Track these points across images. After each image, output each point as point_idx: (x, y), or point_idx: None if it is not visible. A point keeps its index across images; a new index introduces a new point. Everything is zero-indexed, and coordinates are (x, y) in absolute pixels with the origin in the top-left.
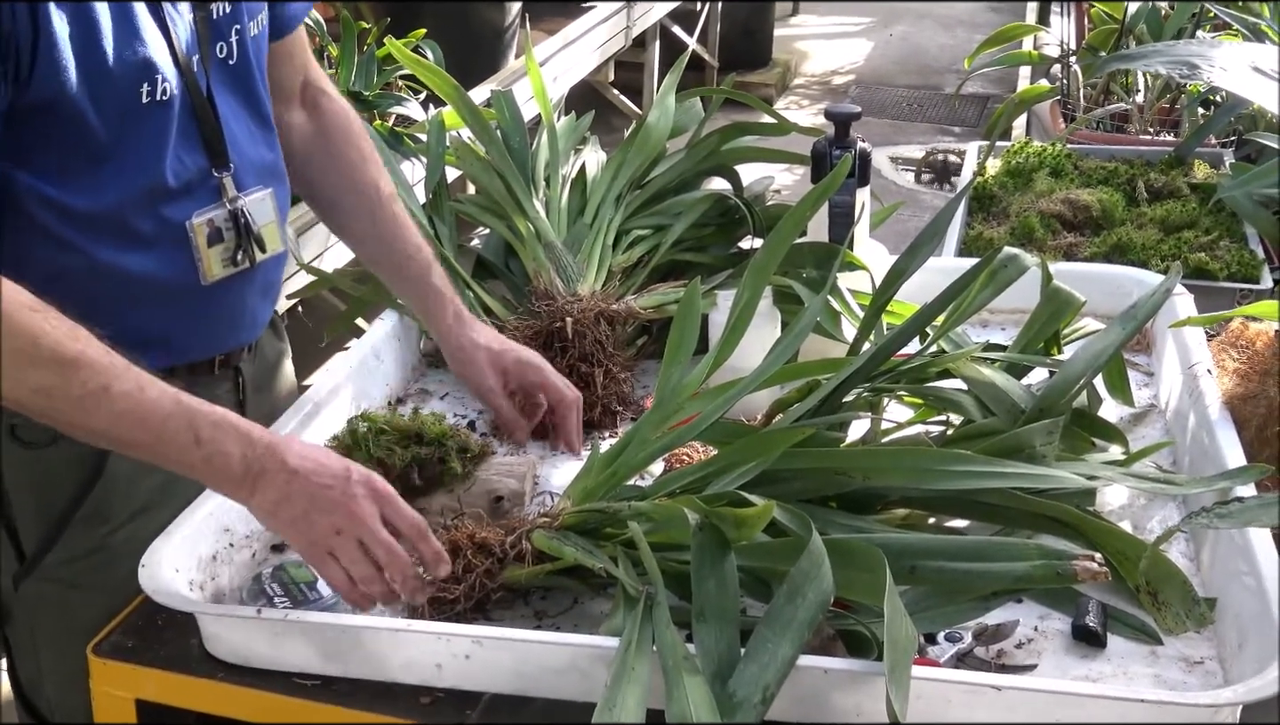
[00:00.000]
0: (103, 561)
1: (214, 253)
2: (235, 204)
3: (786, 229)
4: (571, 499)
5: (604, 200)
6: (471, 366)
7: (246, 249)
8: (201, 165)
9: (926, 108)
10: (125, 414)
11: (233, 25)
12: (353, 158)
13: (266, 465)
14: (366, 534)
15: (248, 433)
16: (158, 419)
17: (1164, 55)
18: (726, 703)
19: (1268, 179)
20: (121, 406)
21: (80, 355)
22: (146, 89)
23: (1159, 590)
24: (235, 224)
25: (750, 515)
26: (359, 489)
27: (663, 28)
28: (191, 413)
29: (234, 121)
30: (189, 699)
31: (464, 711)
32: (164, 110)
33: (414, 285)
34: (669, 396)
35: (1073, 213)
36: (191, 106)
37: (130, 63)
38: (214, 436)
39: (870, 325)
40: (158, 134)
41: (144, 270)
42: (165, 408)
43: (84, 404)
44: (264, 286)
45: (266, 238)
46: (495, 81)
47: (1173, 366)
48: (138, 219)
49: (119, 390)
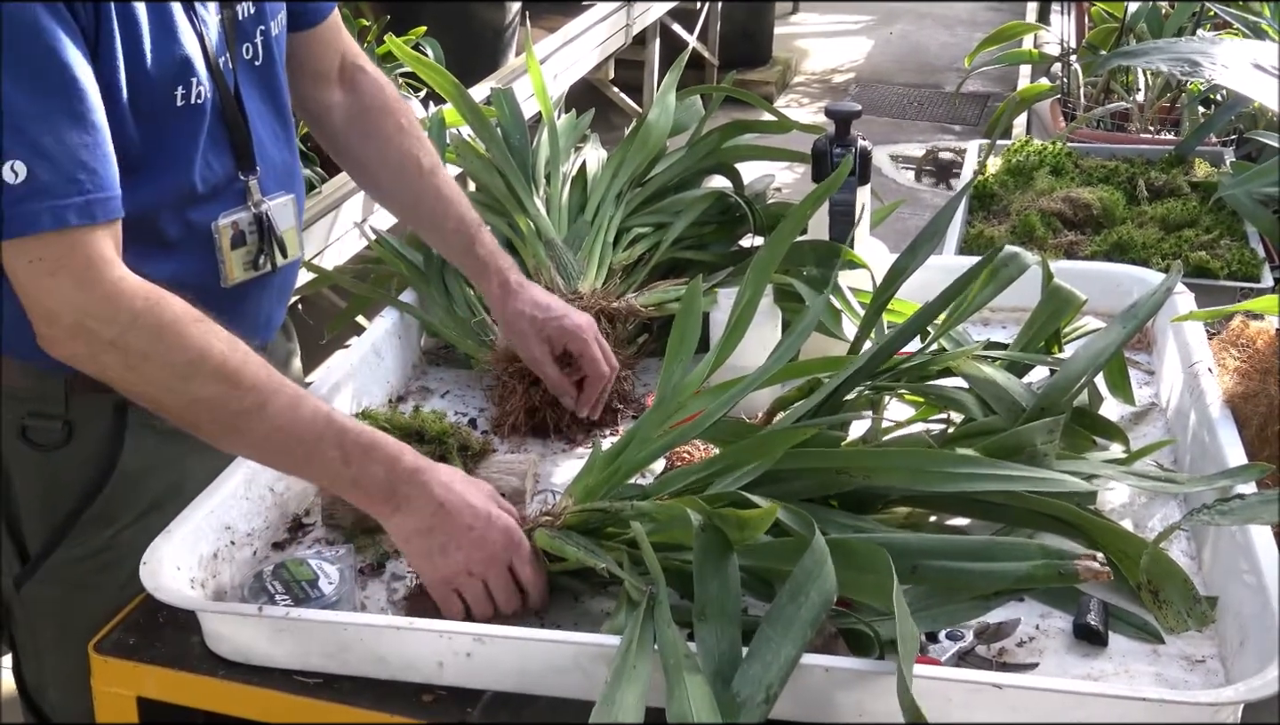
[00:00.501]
0: (107, 562)
1: (236, 256)
2: (260, 207)
3: (788, 228)
4: (573, 498)
5: (604, 198)
6: (517, 336)
7: (269, 253)
8: (229, 168)
9: (927, 106)
10: (278, 432)
11: (258, 26)
12: (389, 131)
13: (412, 493)
14: (495, 580)
15: (396, 456)
16: (310, 440)
17: (1165, 52)
18: (730, 703)
19: (1268, 177)
20: (275, 424)
21: (241, 369)
22: (181, 91)
23: (1160, 589)
24: (259, 227)
25: (754, 517)
26: (499, 536)
27: (663, 26)
28: (341, 433)
29: (259, 124)
30: (190, 697)
31: (465, 710)
32: (197, 113)
33: (460, 257)
34: (670, 395)
35: (1073, 211)
36: (221, 109)
37: (168, 65)
38: (362, 458)
39: (871, 324)
40: (189, 137)
41: (167, 273)
42: (318, 428)
43: (239, 421)
44: (280, 290)
45: (288, 242)
46: (495, 79)
47: (1174, 365)
48: (165, 223)
49: (275, 408)
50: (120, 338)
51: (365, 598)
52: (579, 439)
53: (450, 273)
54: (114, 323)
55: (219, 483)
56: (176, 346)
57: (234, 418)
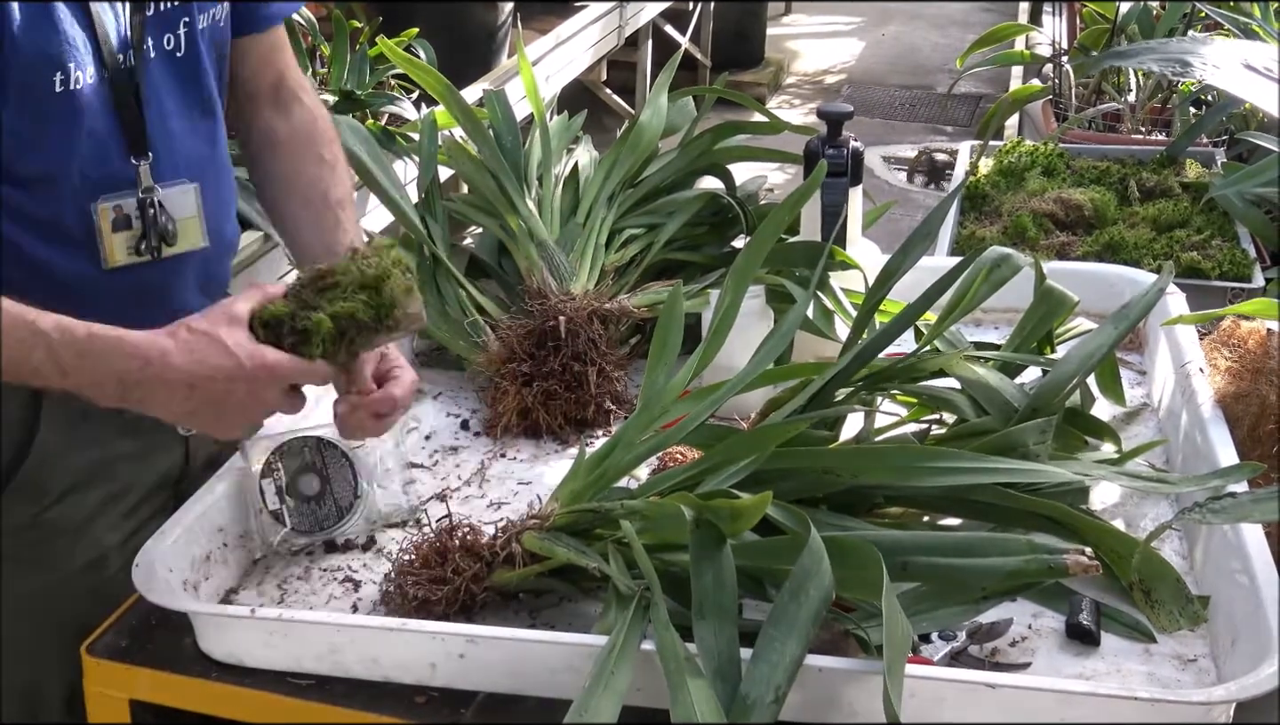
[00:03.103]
0: (38, 538)
1: (119, 239)
2: (149, 194)
3: (767, 232)
4: (559, 502)
5: (597, 199)
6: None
7: (150, 240)
8: (120, 151)
9: (919, 107)
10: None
11: (181, 18)
12: (308, 160)
13: (149, 393)
14: (283, 407)
15: (118, 370)
16: (16, 352)
17: (1156, 53)
18: (740, 705)
19: (1259, 178)
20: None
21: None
22: (60, 77)
23: (1152, 588)
24: (143, 213)
25: (746, 506)
26: (259, 387)
27: (655, 27)
28: (49, 341)
29: (172, 113)
30: (183, 699)
31: (458, 711)
32: (77, 99)
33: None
34: (654, 399)
35: (1065, 212)
36: (114, 95)
37: (43, 52)
38: (79, 368)
39: (863, 324)
40: (69, 122)
41: (44, 254)
42: (20, 336)
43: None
44: (201, 281)
45: (182, 232)
46: (488, 81)
47: (1165, 365)
48: (41, 203)
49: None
50: None
51: (357, 598)
52: (571, 440)
53: (443, 274)
54: None
55: (210, 485)
56: None
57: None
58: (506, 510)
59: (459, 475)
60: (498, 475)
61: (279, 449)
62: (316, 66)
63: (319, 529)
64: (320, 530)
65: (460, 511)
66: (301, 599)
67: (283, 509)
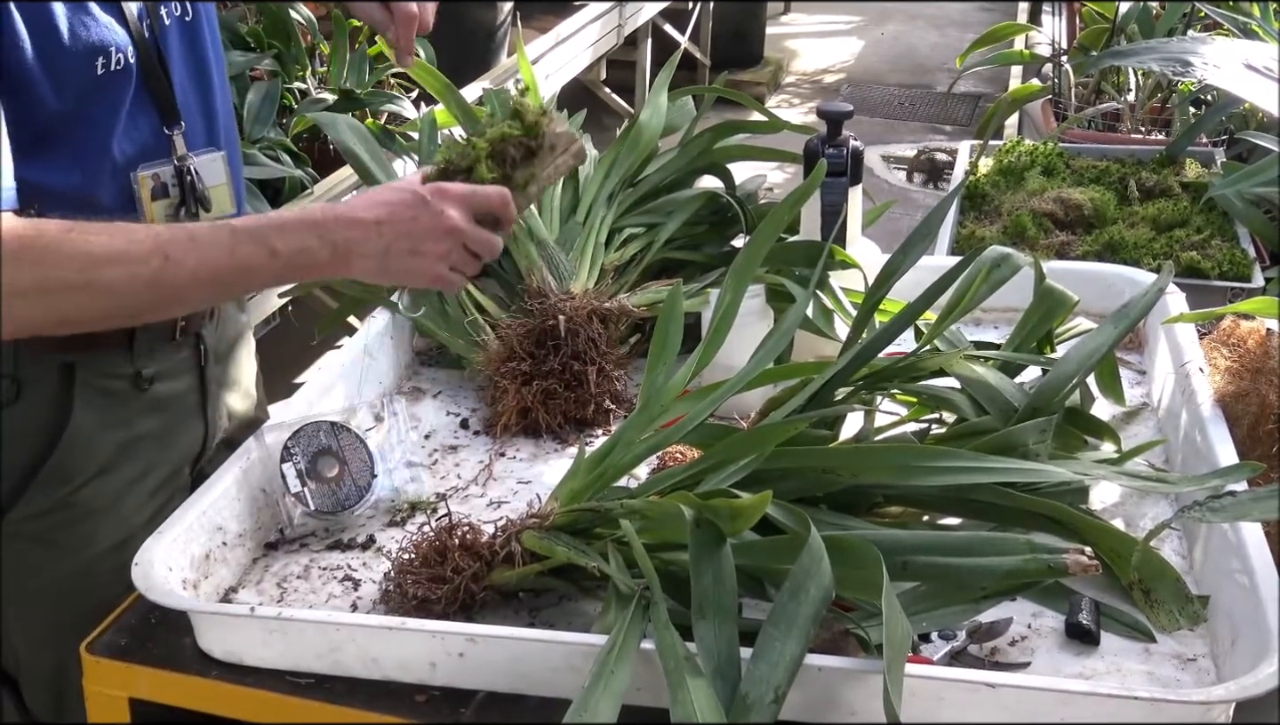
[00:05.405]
0: (67, 519)
1: (158, 207)
2: (184, 162)
3: (767, 231)
4: (559, 501)
5: (596, 198)
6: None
7: (189, 207)
8: (154, 123)
9: (918, 106)
10: (200, 269)
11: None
12: None
13: (348, 235)
14: (470, 240)
15: (307, 218)
16: (229, 257)
17: (1156, 52)
18: (740, 704)
19: (1259, 178)
20: (188, 267)
21: (129, 242)
22: (101, 62)
23: (1152, 588)
24: (181, 181)
25: (746, 506)
26: (440, 205)
27: (654, 26)
28: (249, 232)
29: (187, 80)
30: (183, 698)
31: (458, 710)
32: (120, 78)
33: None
34: (654, 398)
35: (1065, 211)
36: (144, 69)
37: (84, 39)
38: (283, 240)
39: (863, 324)
40: (113, 103)
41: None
42: (225, 242)
43: (159, 285)
44: None
45: (215, 199)
46: (487, 79)
47: (1165, 365)
48: (94, 186)
49: (177, 253)
50: (13, 281)
51: (357, 597)
52: (571, 439)
53: None
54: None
55: (211, 483)
56: (64, 261)
57: (153, 286)
58: (506, 509)
59: (459, 474)
60: (497, 474)
61: (294, 435)
62: (316, 65)
63: (341, 509)
64: (343, 510)
65: (460, 510)
66: (301, 598)
67: (305, 492)
